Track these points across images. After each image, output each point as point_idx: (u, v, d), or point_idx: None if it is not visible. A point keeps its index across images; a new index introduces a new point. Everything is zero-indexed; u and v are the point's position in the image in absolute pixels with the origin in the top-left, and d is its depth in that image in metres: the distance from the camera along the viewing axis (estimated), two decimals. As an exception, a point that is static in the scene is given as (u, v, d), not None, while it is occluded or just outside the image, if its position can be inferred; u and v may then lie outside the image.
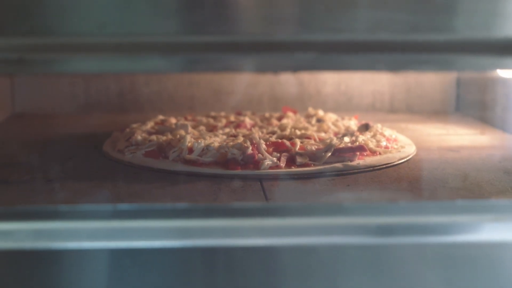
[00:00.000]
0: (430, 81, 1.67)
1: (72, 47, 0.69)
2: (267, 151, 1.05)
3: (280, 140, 1.11)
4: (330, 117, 1.38)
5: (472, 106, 1.59)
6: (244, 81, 1.65)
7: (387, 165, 1.07)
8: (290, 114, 1.41)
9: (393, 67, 0.73)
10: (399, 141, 1.22)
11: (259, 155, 1.04)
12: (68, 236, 0.72)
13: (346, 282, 0.75)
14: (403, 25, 0.71)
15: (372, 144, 1.13)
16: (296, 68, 0.73)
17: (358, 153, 1.08)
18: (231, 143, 1.07)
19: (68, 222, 0.72)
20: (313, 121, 1.34)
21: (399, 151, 1.14)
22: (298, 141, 1.10)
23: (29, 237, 0.72)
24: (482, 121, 1.49)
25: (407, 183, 0.98)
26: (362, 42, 0.72)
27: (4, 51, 0.68)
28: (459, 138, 1.33)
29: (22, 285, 0.71)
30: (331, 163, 1.05)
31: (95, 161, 1.11)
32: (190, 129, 1.20)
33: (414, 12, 0.71)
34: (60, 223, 0.72)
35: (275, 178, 1.00)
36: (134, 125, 1.27)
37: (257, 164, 1.02)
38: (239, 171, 1.01)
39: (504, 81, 1.39)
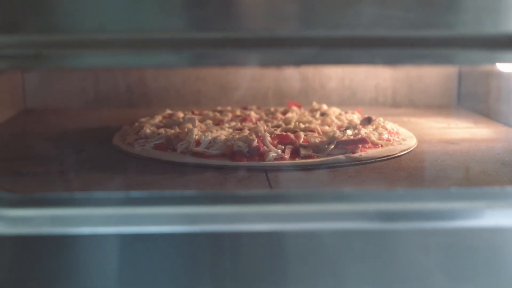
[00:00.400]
0: (432, 76, 1.69)
1: (86, 43, 0.72)
2: (272, 144, 1.09)
3: (284, 133, 1.15)
4: (334, 111, 1.40)
5: (473, 100, 1.61)
6: (250, 77, 1.68)
7: (388, 157, 1.10)
8: (294, 108, 1.44)
9: (391, 61, 0.76)
10: (400, 134, 1.25)
11: (264, 147, 1.07)
12: (82, 222, 0.75)
13: (347, 265, 0.77)
14: (400, 21, 0.74)
15: (374, 137, 1.16)
16: (298, 62, 0.76)
17: (360, 145, 1.11)
18: (237, 136, 1.10)
19: (83, 209, 0.75)
20: (317, 115, 1.37)
21: (400, 144, 1.17)
22: (302, 134, 1.13)
23: (46, 223, 0.75)
24: (484, 114, 1.52)
25: (407, 173, 1.01)
26: (361, 38, 0.75)
27: (22, 47, 0.71)
28: (459, 131, 1.36)
29: (39, 268, 0.75)
30: (334, 155, 1.08)
31: (106, 154, 1.14)
32: (197, 123, 1.23)
33: (411, 9, 0.73)
34: (75, 210, 0.75)
35: (279, 169, 1.03)
36: (143, 119, 1.31)
37: (262, 156, 1.05)
38: (245, 163, 1.04)
39: (504, 75, 1.42)
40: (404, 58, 0.76)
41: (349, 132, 1.16)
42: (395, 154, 1.12)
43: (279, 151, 1.06)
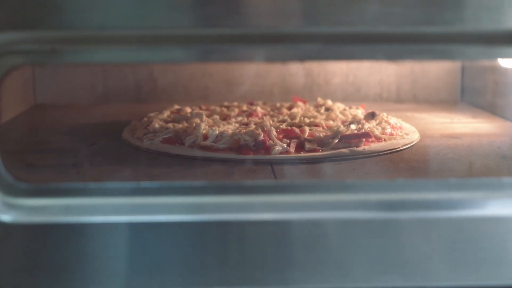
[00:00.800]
0: (436, 72, 1.71)
1: (99, 39, 0.74)
2: (277, 138, 1.11)
3: (290, 128, 1.17)
4: (338, 106, 1.42)
5: (476, 95, 1.63)
6: (256, 73, 1.69)
7: (391, 151, 1.12)
8: (300, 103, 1.46)
9: (393, 57, 0.78)
10: (403, 129, 1.27)
11: (270, 141, 1.09)
12: (95, 211, 0.77)
13: (351, 254, 0.79)
14: (402, 18, 0.75)
15: (377, 131, 1.18)
16: (302, 58, 0.78)
17: (363, 139, 1.13)
18: (244, 131, 1.13)
19: (95, 199, 0.78)
20: (322, 110, 1.39)
21: (403, 138, 1.19)
22: (307, 128, 1.16)
23: (60, 212, 0.77)
24: (486, 109, 1.53)
25: (409, 166, 1.03)
26: (364, 34, 0.76)
27: (38, 43, 0.74)
28: (462, 126, 1.37)
29: (53, 255, 0.77)
30: (338, 148, 1.10)
31: (116, 148, 1.16)
32: (204, 117, 1.25)
33: (413, 6, 0.76)
34: (88, 199, 0.78)
35: (285, 162, 1.05)
36: (152, 114, 1.33)
37: (268, 149, 1.08)
38: (251, 156, 1.06)
39: (506, 70, 1.43)
40: (406, 54, 0.78)
41: (353, 126, 1.19)
42: (398, 148, 1.14)
43: (285, 145, 1.09)
